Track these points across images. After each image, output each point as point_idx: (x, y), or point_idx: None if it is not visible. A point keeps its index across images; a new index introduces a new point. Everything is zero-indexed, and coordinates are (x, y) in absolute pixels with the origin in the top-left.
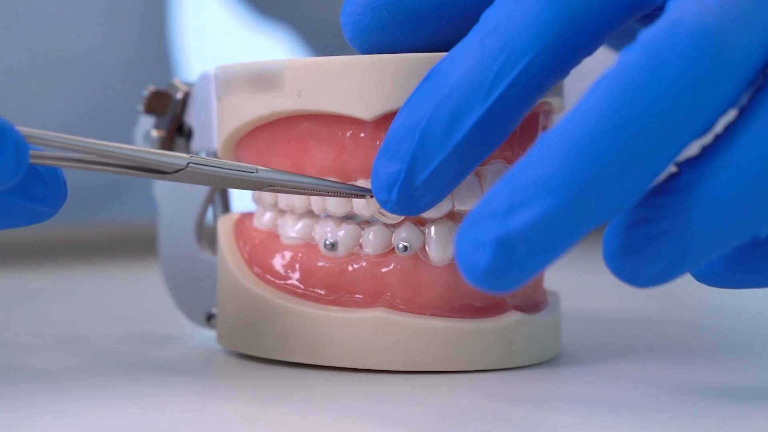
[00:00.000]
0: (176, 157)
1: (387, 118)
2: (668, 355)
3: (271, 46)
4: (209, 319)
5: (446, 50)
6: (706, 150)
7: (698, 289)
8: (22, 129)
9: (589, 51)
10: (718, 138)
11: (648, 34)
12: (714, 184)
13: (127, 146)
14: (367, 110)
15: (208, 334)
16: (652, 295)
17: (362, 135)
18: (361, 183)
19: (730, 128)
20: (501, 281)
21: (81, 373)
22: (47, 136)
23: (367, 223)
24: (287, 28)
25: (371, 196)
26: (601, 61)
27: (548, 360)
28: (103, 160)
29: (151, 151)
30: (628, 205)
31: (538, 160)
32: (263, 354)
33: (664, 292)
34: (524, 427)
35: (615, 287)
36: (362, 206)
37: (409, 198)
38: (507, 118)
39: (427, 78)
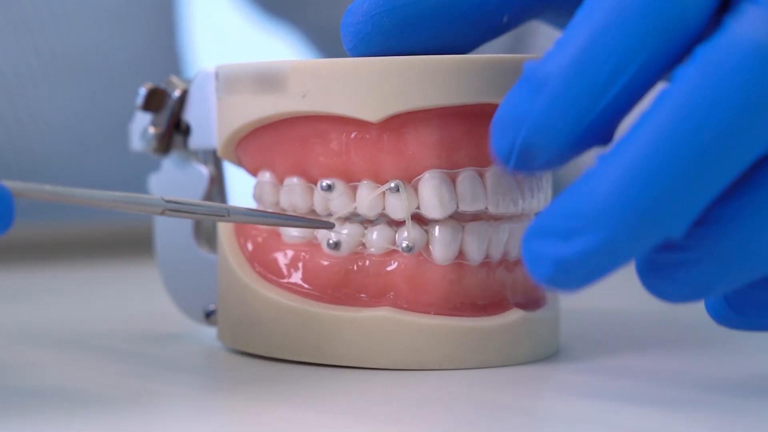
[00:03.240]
0: (152, 204)
1: (393, 120)
2: (666, 350)
3: (278, 48)
4: (208, 316)
5: (447, 53)
6: (743, 180)
7: None
8: (11, 184)
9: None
10: (757, 168)
11: (705, 51)
12: (748, 219)
13: (110, 193)
14: (373, 112)
15: (208, 332)
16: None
17: (367, 136)
18: (365, 183)
19: None
20: (563, 288)
21: (80, 370)
22: (34, 190)
23: (370, 222)
24: (296, 31)
25: (332, 228)
26: None
27: (548, 357)
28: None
29: (130, 196)
30: (683, 230)
31: (597, 185)
32: (266, 353)
33: None
34: (530, 423)
35: (611, 284)
36: (365, 207)
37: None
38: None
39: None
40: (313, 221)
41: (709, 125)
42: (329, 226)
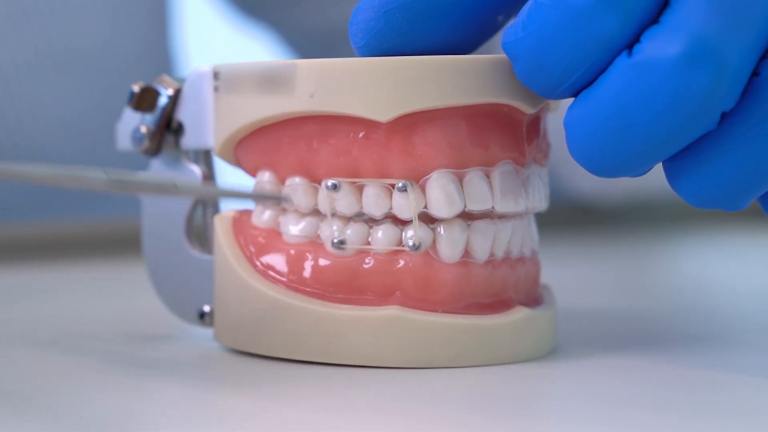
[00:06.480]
0: (94, 178)
1: (401, 120)
2: (665, 349)
3: (254, 48)
4: (202, 317)
5: (461, 50)
6: None
7: (693, 284)
8: None
9: None
10: None
11: None
12: None
13: (45, 167)
14: (382, 112)
15: (204, 332)
16: (645, 291)
17: (376, 136)
18: (372, 182)
19: None
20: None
21: (75, 372)
22: None
23: (374, 221)
24: (271, 31)
25: (285, 201)
26: None
27: (548, 354)
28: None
29: (69, 170)
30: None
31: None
32: (271, 353)
33: (658, 287)
34: (539, 421)
35: (611, 284)
36: (372, 207)
37: None
38: None
39: None
40: (265, 194)
41: None
42: (282, 199)
